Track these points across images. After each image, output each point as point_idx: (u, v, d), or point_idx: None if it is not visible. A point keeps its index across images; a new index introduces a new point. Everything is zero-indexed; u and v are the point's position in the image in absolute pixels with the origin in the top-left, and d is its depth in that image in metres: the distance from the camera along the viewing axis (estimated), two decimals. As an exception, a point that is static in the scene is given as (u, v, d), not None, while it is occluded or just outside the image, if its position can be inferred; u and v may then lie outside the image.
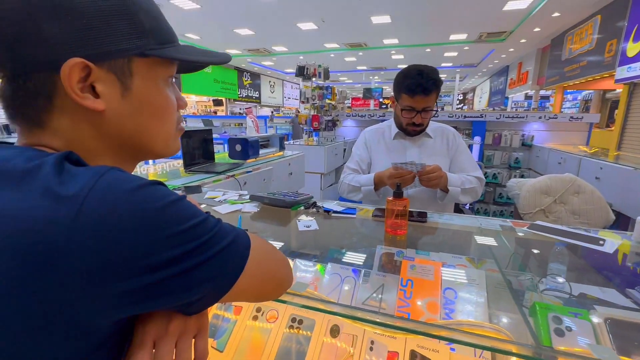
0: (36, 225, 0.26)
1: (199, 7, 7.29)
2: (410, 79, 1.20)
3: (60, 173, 0.29)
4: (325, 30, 8.71)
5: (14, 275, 0.26)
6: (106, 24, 0.34)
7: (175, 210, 0.33)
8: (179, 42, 0.44)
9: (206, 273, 0.34)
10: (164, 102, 0.42)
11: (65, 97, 0.34)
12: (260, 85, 16.43)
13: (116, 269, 0.28)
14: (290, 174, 2.59)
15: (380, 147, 1.43)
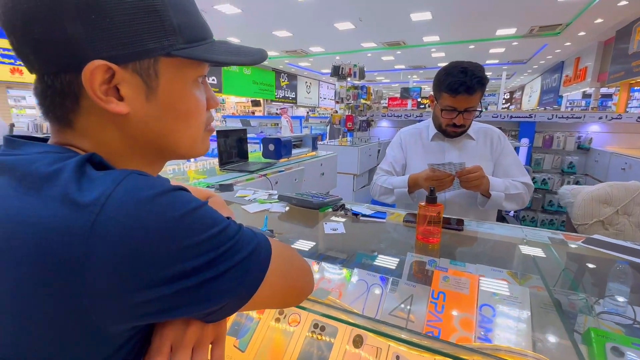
0: (55, 235, 0.27)
1: (240, 12, 7.57)
2: (453, 77, 1.12)
3: (80, 178, 0.29)
4: (362, 29, 8.61)
5: (35, 281, 0.27)
6: (131, 23, 0.32)
7: (195, 219, 0.32)
8: (212, 38, 0.41)
9: (226, 284, 0.33)
10: (191, 104, 0.39)
11: (91, 99, 0.33)
12: (297, 85, 16.68)
13: (133, 280, 0.28)
14: (322, 175, 2.57)
15: (416, 149, 1.36)
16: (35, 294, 0.27)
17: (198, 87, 0.40)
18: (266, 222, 0.93)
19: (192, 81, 0.39)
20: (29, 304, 0.27)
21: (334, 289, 0.75)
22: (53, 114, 0.35)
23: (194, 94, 0.40)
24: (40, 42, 0.31)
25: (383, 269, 0.79)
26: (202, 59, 0.37)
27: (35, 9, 0.30)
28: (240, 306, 0.36)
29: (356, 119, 3.69)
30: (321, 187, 2.59)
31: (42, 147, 0.34)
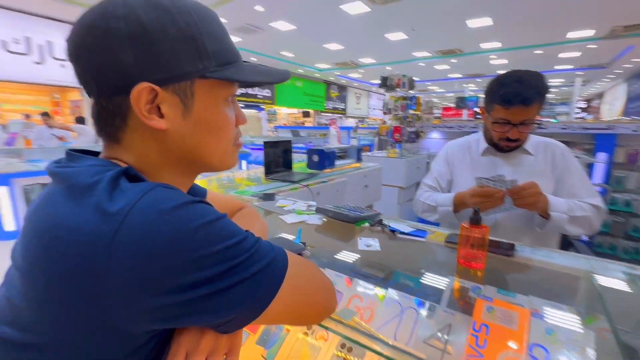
0: (85, 238, 0.30)
1: (295, 28, 7.93)
2: (507, 88, 1.03)
3: (113, 189, 0.33)
4: (415, 39, 8.43)
5: (66, 280, 0.30)
6: (173, 50, 0.36)
7: (211, 231, 0.33)
8: (241, 60, 0.45)
9: (238, 295, 0.34)
10: (221, 121, 0.43)
11: (137, 117, 0.37)
12: (347, 96, 16.83)
13: (149, 286, 0.30)
14: (365, 187, 2.53)
15: (464, 164, 1.27)
16: (65, 291, 0.30)
17: (228, 105, 0.44)
18: (299, 234, 0.94)
19: (223, 100, 0.43)
20: (61, 299, 0.31)
21: (365, 309, 0.72)
22: (105, 131, 0.40)
23: (225, 111, 0.43)
24: (99, 69, 0.36)
25: (420, 292, 0.74)
26: (232, 79, 0.41)
27: (96, 42, 0.35)
28: (252, 319, 0.37)
29: (404, 130, 3.59)
30: (364, 200, 2.55)
31: (92, 160, 0.38)
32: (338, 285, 0.75)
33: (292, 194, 1.75)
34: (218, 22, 0.42)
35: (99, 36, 0.35)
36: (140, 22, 0.35)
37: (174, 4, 0.37)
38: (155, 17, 0.35)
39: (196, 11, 0.38)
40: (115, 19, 0.34)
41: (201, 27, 0.38)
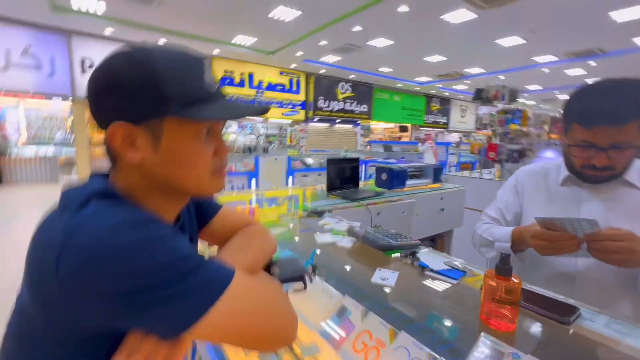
0: (49, 246, 0.38)
1: (392, 43, 7.89)
2: (588, 102, 0.81)
3: (79, 208, 0.40)
4: (535, 42, 7.26)
5: (34, 278, 0.39)
6: (139, 96, 0.43)
7: (144, 248, 0.37)
8: (215, 98, 0.47)
9: (161, 310, 0.37)
10: (189, 156, 0.46)
11: None
12: (450, 110, 15.61)
13: (82, 289, 0.36)
14: (441, 210, 2.29)
15: (538, 195, 1.03)
16: (35, 286, 0.39)
17: (201, 139, 0.47)
18: (313, 255, 0.92)
19: (193, 135, 0.46)
20: (33, 292, 0.40)
21: (371, 348, 0.67)
22: (108, 158, 0.50)
23: (194, 145, 0.47)
24: (95, 112, 0.46)
25: (438, 346, 0.62)
26: (191, 117, 0.44)
27: (91, 92, 0.45)
28: (176, 334, 0.39)
29: (502, 148, 3.11)
30: (439, 225, 2.31)
31: (93, 180, 0.48)
32: (352, 316, 0.72)
33: (350, 212, 1.73)
34: (190, 67, 0.46)
35: (91, 87, 0.44)
36: (115, 75, 0.42)
37: (147, 57, 0.43)
38: (127, 71, 0.42)
39: (164, 60, 0.44)
40: (100, 72, 0.43)
41: (165, 74, 0.43)
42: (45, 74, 7.47)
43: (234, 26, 7.27)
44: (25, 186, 7.32)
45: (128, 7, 6.25)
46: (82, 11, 6.56)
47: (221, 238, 0.69)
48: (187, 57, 0.46)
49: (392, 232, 1.10)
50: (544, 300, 0.71)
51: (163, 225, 0.42)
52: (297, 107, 11.35)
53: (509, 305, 0.60)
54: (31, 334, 0.41)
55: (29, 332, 0.42)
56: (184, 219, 0.60)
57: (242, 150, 6.21)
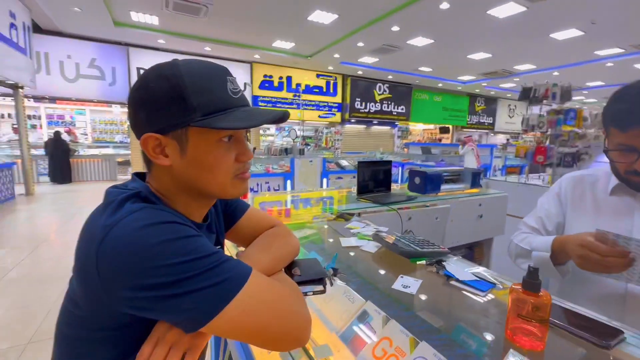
0: (90, 241, 0.43)
1: (432, 42, 7.63)
2: (622, 104, 0.75)
3: (117, 208, 0.45)
4: (596, 33, 6.60)
5: (81, 270, 0.45)
6: (167, 108, 0.47)
7: (169, 247, 0.41)
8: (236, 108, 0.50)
9: (182, 304, 0.41)
10: (212, 160, 0.50)
11: None
12: (496, 109, 14.67)
13: (118, 281, 0.41)
14: (479, 217, 2.17)
15: (583, 204, 0.94)
16: (82, 277, 0.45)
17: (223, 145, 0.51)
18: (335, 258, 0.93)
19: (215, 142, 0.50)
20: (80, 282, 0.45)
21: (390, 356, 0.66)
22: (144, 163, 0.55)
23: (217, 151, 0.51)
24: (132, 124, 0.52)
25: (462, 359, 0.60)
26: (211, 127, 0.48)
27: (129, 105, 0.51)
28: (197, 327, 0.42)
29: (552, 151, 2.86)
30: (476, 232, 2.19)
31: (133, 183, 0.53)
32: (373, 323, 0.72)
33: (380, 217, 1.71)
34: (213, 79, 0.49)
35: (130, 102, 0.50)
36: (147, 90, 0.48)
37: (174, 72, 0.47)
38: (158, 85, 0.47)
39: (190, 73, 0.47)
40: (136, 90, 0.49)
41: (190, 87, 0.47)
42: (107, 83, 8.32)
43: (273, 32, 7.52)
44: (88, 183, 8.20)
45: (178, 20, 6.75)
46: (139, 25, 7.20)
47: (247, 239, 0.73)
48: (210, 70, 0.50)
49: (419, 239, 1.07)
50: (583, 320, 0.65)
51: (188, 227, 0.46)
52: (333, 109, 11.41)
53: (537, 322, 0.56)
54: (77, 315, 0.48)
55: (75, 314, 0.48)
56: (211, 219, 0.64)
57: (279, 152, 6.38)
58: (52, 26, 7.31)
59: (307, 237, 1.26)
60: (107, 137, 9.91)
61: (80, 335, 0.48)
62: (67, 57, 7.86)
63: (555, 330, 0.64)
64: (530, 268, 0.57)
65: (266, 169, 5.75)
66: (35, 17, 6.62)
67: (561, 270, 0.88)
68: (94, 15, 6.51)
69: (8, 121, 8.87)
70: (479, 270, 0.89)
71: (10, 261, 3.28)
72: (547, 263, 0.88)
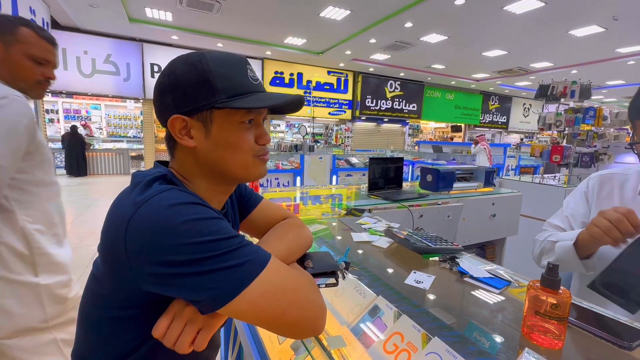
0: (120, 217, 0.45)
1: (446, 39, 7.50)
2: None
3: (145, 188, 0.47)
4: (617, 30, 6.37)
5: (109, 244, 0.46)
6: (193, 91, 0.49)
7: (195, 226, 0.43)
8: (256, 92, 0.53)
9: (205, 282, 0.42)
10: (235, 141, 0.53)
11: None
12: (510, 108, 14.36)
13: (144, 256, 0.42)
14: (492, 216, 2.13)
15: (611, 203, 0.91)
16: (109, 251, 0.46)
17: (244, 127, 0.54)
18: (347, 252, 0.93)
19: (238, 123, 0.53)
20: (107, 257, 0.47)
21: (402, 351, 0.66)
22: (168, 148, 0.57)
23: (239, 132, 0.53)
24: (159, 109, 0.54)
25: (473, 357, 0.60)
26: (233, 107, 0.50)
27: (156, 92, 0.53)
28: (217, 307, 0.43)
29: (569, 151, 2.79)
30: (489, 232, 2.15)
31: (158, 168, 0.55)
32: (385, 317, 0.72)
33: (391, 213, 1.70)
34: (235, 66, 0.52)
35: (157, 89, 0.53)
36: (176, 75, 0.50)
37: (200, 59, 0.50)
38: (185, 71, 0.50)
39: (214, 61, 0.51)
40: (164, 76, 0.52)
41: (215, 72, 0.50)
42: (122, 78, 8.46)
43: (285, 28, 7.51)
44: (102, 176, 8.38)
45: (191, 16, 6.81)
46: (153, 21, 7.30)
47: (261, 230, 0.74)
48: (232, 58, 0.53)
49: (432, 235, 1.06)
50: (602, 320, 0.63)
51: (211, 209, 0.47)
52: (344, 107, 11.35)
53: (556, 320, 0.54)
54: (101, 294, 0.49)
55: (100, 293, 0.50)
56: (227, 209, 0.66)
57: (289, 148, 6.40)
58: (70, 22, 7.47)
59: (317, 232, 1.26)
60: (120, 131, 10.10)
61: (103, 314, 0.50)
62: (83, 53, 8.03)
63: (573, 330, 0.63)
64: (550, 264, 0.55)
65: (276, 165, 5.78)
66: (53, 13, 6.77)
67: (587, 265, 0.85)
68: (110, 11, 6.62)
69: (27, 115, 9.12)
70: (493, 268, 0.88)
71: (28, 250, 3.37)
72: (571, 252, 0.85)
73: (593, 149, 3.03)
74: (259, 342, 0.84)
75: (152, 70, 8.59)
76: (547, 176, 3.33)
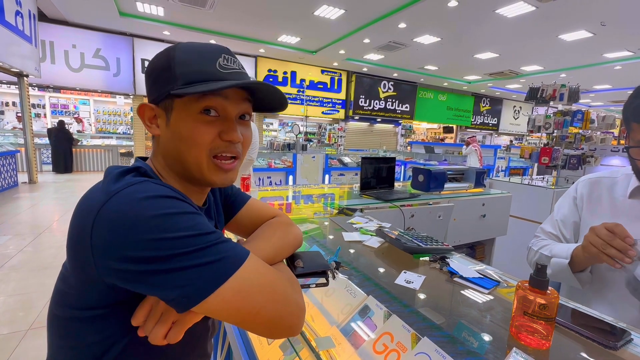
0: (87, 209, 0.43)
1: (439, 40, 7.56)
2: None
3: (117, 179, 0.44)
4: (606, 35, 6.52)
5: (74, 236, 0.44)
6: (159, 79, 0.50)
7: (167, 221, 0.40)
8: (219, 81, 0.49)
9: (176, 279, 0.39)
10: (189, 131, 0.49)
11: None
12: (501, 110, 14.58)
13: (110, 251, 0.40)
14: (482, 216, 2.15)
15: (600, 208, 0.93)
16: (75, 245, 0.44)
17: (203, 118, 0.50)
18: (337, 252, 0.92)
19: (195, 113, 0.49)
20: (73, 251, 0.45)
21: (391, 351, 0.66)
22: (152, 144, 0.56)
23: (195, 123, 0.49)
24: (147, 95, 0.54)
25: (462, 357, 0.60)
26: (180, 93, 0.47)
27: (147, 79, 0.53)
28: (190, 306, 0.41)
29: (557, 153, 2.84)
30: (478, 232, 2.18)
31: (135, 162, 0.53)
32: (375, 317, 0.71)
33: (383, 213, 1.70)
34: (203, 54, 0.50)
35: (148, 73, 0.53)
36: (151, 64, 0.51)
37: (173, 47, 0.50)
38: (156, 59, 0.51)
39: (183, 49, 0.50)
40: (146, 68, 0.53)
41: (177, 59, 0.48)
42: (111, 73, 8.30)
43: (279, 26, 7.47)
44: (90, 173, 8.22)
45: (183, 11, 6.71)
46: (144, 16, 7.17)
47: (248, 229, 0.71)
48: (205, 48, 0.51)
49: (422, 235, 1.06)
50: (589, 320, 0.64)
51: (187, 204, 0.44)
52: (337, 106, 11.36)
53: (543, 320, 0.55)
54: (67, 293, 0.47)
55: (66, 292, 0.47)
56: (210, 205, 0.63)
57: (282, 147, 6.37)
58: (58, 15, 7.29)
59: (308, 231, 1.25)
60: (110, 127, 9.91)
61: (70, 315, 0.47)
62: (72, 47, 7.85)
63: (560, 330, 0.64)
64: (538, 265, 0.56)
65: (268, 163, 5.75)
66: (41, 5, 6.60)
67: (580, 279, 0.86)
68: (100, 4, 6.48)
69: (12, 109, 8.89)
70: (483, 268, 0.88)
71: (12, 248, 3.29)
72: (566, 270, 0.87)
73: (580, 152, 3.09)
74: (247, 343, 0.83)
75: (142, 66, 8.46)
76: (536, 177, 3.38)
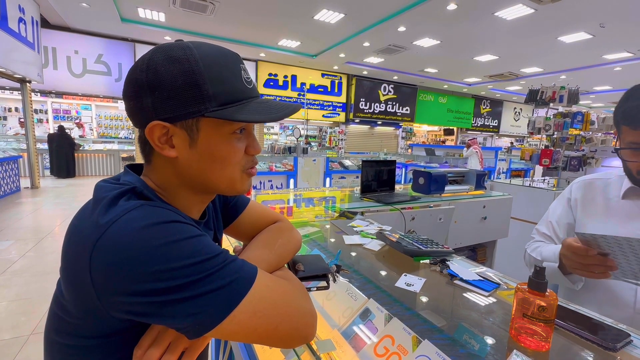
0: (81, 241, 0.39)
1: (439, 43, 7.60)
2: (633, 102, 0.74)
3: (110, 205, 0.40)
4: (605, 37, 6.54)
5: (70, 270, 0.42)
6: (179, 95, 0.43)
7: (173, 249, 0.38)
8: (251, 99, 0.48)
9: (188, 309, 0.37)
10: (224, 152, 0.47)
11: None
12: (502, 112, 14.60)
13: (114, 286, 0.37)
14: (483, 219, 2.15)
15: (595, 208, 0.93)
16: (70, 278, 0.41)
17: (235, 137, 0.47)
18: (338, 255, 0.93)
19: (228, 134, 0.47)
20: (69, 284, 0.42)
21: (392, 354, 0.66)
22: (143, 154, 0.52)
23: (229, 143, 0.47)
24: (132, 109, 0.47)
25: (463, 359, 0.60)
26: (228, 118, 0.44)
27: (129, 89, 0.47)
28: (203, 332, 0.40)
29: (557, 155, 2.84)
30: (479, 234, 2.17)
31: (125, 176, 0.50)
32: (376, 320, 0.71)
33: (384, 216, 1.70)
34: (228, 66, 0.45)
35: (130, 85, 0.45)
36: (157, 73, 0.42)
37: (187, 56, 0.43)
38: (169, 70, 0.42)
39: (204, 59, 0.43)
40: (141, 71, 0.43)
41: (205, 74, 0.43)
42: (113, 79, 8.37)
43: (279, 30, 7.52)
44: (91, 178, 8.24)
45: (184, 17, 6.77)
46: (146, 21, 7.23)
47: (249, 234, 0.70)
48: (224, 57, 0.46)
49: (423, 238, 1.06)
50: (588, 322, 0.64)
51: (190, 226, 0.42)
52: (337, 109, 11.39)
53: (543, 322, 0.55)
54: (66, 322, 0.44)
55: (64, 320, 0.44)
56: (209, 216, 0.61)
57: (283, 150, 6.39)
58: (60, 21, 7.37)
59: (309, 234, 1.26)
60: (111, 132, 9.96)
61: (72, 343, 0.44)
62: (74, 52, 7.92)
63: (560, 332, 0.64)
64: (537, 267, 0.56)
65: (269, 167, 5.76)
66: (43, 12, 6.67)
67: (572, 280, 0.87)
68: (102, 10, 6.55)
69: (15, 115, 8.95)
70: (483, 270, 0.88)
71: (15, 253, 3.30)
72: (557, 273, 0.87)
73: (581, 153, 3.09)
74: (249, 346, 0.83)
75: (144, 71, 8.51)
76: (537, 179, 3.38)
